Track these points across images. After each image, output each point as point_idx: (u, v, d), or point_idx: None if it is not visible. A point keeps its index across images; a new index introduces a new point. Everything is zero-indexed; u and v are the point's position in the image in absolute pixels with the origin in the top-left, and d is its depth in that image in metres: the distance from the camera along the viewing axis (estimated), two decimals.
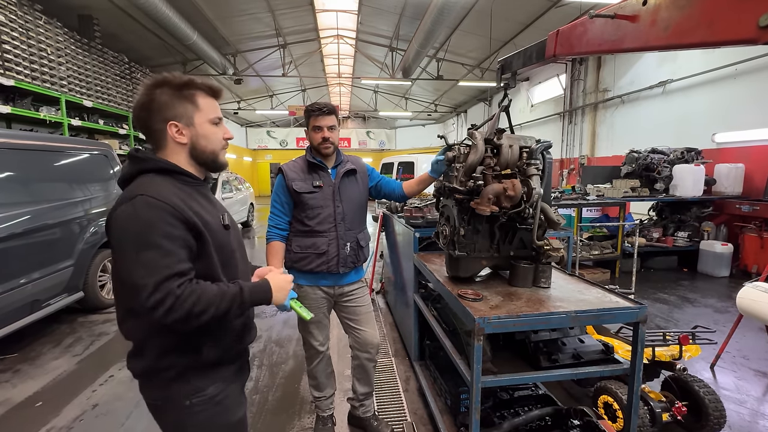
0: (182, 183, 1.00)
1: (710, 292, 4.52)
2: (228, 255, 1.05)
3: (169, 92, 0.97)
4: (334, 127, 1.81)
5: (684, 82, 6.45)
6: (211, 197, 1.10)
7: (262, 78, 12.37)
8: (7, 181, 2.96)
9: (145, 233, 0.87)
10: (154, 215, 0.88)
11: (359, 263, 1.94)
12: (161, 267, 0.86)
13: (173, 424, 1.03)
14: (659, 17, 1.02)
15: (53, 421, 2.24)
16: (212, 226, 1.00)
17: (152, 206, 0.89)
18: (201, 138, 1.01)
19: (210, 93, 1.03)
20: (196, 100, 1.00)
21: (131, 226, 0.88)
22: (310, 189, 1.80)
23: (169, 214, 0.90)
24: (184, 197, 0.96)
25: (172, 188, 0.96)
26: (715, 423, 1.95)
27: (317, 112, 1.77)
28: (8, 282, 2.79)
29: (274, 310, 3.94)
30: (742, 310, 2.48)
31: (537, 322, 1.37)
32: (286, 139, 20.40)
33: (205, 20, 8.09)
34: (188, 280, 0.90)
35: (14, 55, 4.75)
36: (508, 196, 1.52)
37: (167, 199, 0.91)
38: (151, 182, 0.95)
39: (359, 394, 2.09)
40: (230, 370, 1.08)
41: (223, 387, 1.05)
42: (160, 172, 0.98)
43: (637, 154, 5.70)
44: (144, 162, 0.98)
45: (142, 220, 0.88)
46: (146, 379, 1.02)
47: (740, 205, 5.14)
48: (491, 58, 9.86)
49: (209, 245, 0.98)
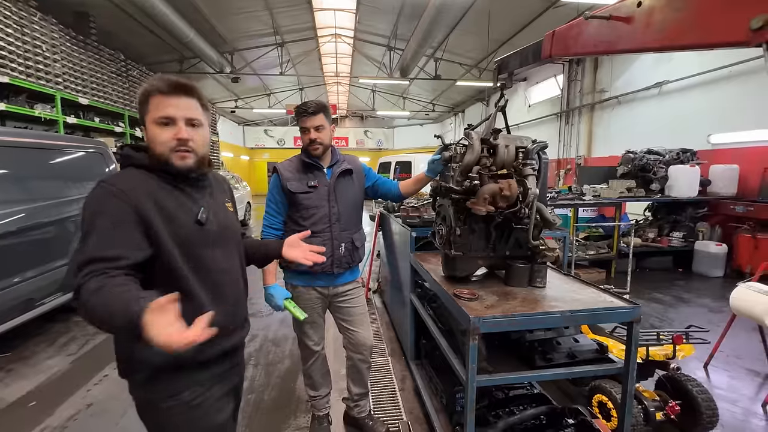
0: (161, 178, 1.00)
1: (704, 292, 4.56)
2: (198, 252, 1.02)
3: (139, 98, 0.99)
4: (322, 126, 1.76)
5: (680, 84, 6.49)
6: (198, 194, 1.07)
7: (259, 76, 12.33)
8: (1, 179, 2.93)
9: (91, 214, 0.90)
10: (102, 199, 0.91)
11: (354, 264, 1.93)
12: (89, 249, 0.86)
13: (153, 424, 1.04)
14: (654, 19, 1.03)
15: (47, 421, 2.23)
16: (178, 220, 0.98)
17: (103, 191, 0.92)
18: (151, 141, 0.99)
19: (159, 92, 0.96)
20: (148, 102, 0.97)
21: (84, 210, 0.93)
22: (305, 189, 1.79)
23: (116, 198, 0.91)
24: (153, 189, 0.96)
25: (139, 180, 0.96)
26: (707, 422, 1.97)
27: (302, 113, 1.75)
28: (2, 280, 2.77)
29: (270, 310, 3.93)
30: (735, 310, 2.50)
31: (532, 322, 1.37)
32: (284, 137, 20.34)
33: (202, 18, 8.05)
34: (108, 268, 0.84)
35: (9, 51, 4.70)
36: (504, 196, 1.52)
37: (119, 185, 0.93)
38: (122, 173, 0.99)
39: (354, 394, 2.09)
40: (208, 373, 1.05)
41: (201, 391, 1.03)
42: (139, 167, 1.00)
43: (633, 154, 5.74)
44: (124, 158, 1.03)
45: (92, 203, 0.92)
46: (125, 378, 1.03)
47: (735, 206, 5.18)
48: (489, 58, 9.89)
49: (163, 238, 0.94)
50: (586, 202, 5.12)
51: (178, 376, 0.99)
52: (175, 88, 0.97)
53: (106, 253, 0.86)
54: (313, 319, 1.91)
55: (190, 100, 1.00)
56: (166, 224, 0.96)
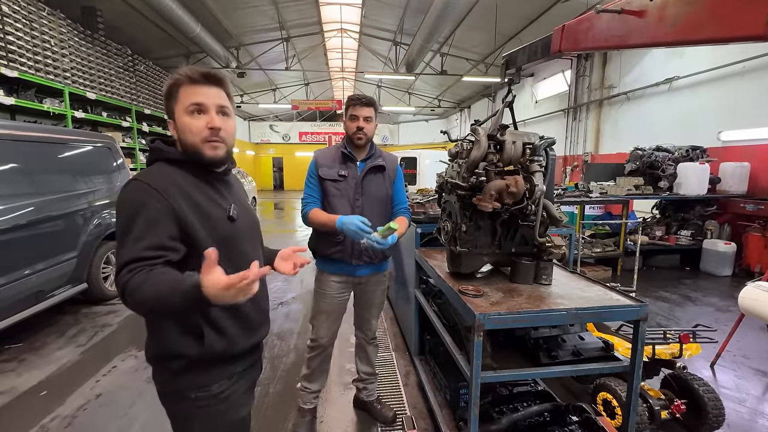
0: (193, 174, 0.99)
1: (712, 291, 4.50)
2: (232, 247, 1.02)
3: (167, 90, 0.97)
4: (371, 118, 1.82)
5: (691, 79, 6.37)
6: (225, 189, 1.07)
7: (265, 71, 12.34)
8: (11, 173, 2.97)
9: (128, 215, 0.89)
10: (137, 198, 0.90)
11: (377, 259, 1.92)
12: (128, 251, 0.86)
13: (179, 414, 1.04)
14: (667, 13, 1.01)
15: (57, 410, 2.27)
16: (213, 217, 0.98)
17: (138, 190, 0.91)
18: (181, 132, 0.97)
19: (190, 81, 0.96)
20: (178, 92, 0.96)
21: (119, 209, 0.92)
22: (335, 177, 1.83)
23: (151, 197, 0.89)
24: (186, 186, 0.95)
25: (173, 176, 0.95)
26: (714, 421, 1.95)
27: (356, 102, 1.81)
28: (13, 273, 2.82)
29: (276, 304, 3.97)
30: (743, 309, 2.47)
31: (537, 319, 1.37)
32: (289, 133, 20.36)
33: (209, 12, 8.05)
34: (148, 266, 0.85)
35: (18, 46, 4.75)
36: (510, 193, 1.51)
37: (154, 183, 0.91)
38: (154, 169, 0.97)
39: (362, 372, 2.17)
40: (238, 366, 1.06)
41: (229, 384, 1.03)
42: (169, 162, 0.99)
43: (641, 151, 5.66)
44: (154, 152, 1.01)
45: (127, 202, 0.91)
46: (156, 366, 1.03)
47: (745, 204, 5.11)
48: (496, 53, 9.78)
49: (200, 236, 0.94)
50: (593, 199, 5.08)
51: (210, 368, 1.00)
52: (205, 77, 0.97)
53: (144, 254, 0.86)
54: (331, 309, 1.94)
55: (219, 90, 0.99)
56: (202, 222, 0.95)
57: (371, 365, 2.17)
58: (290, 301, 4.05)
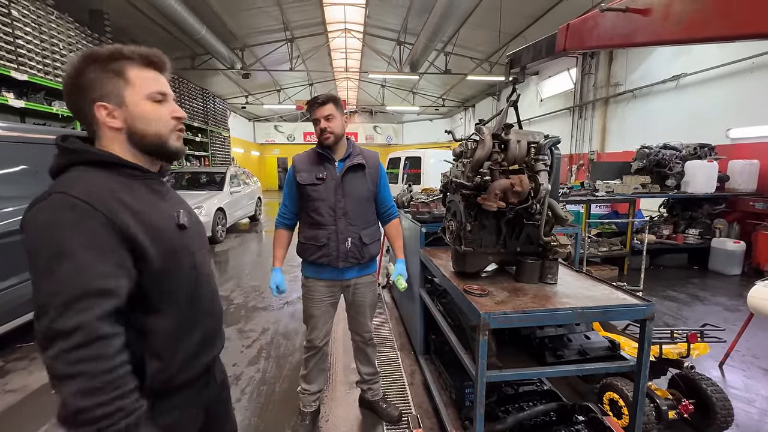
0: (125, 177, 0.82)
1: (721, 290, 4.45)
2: (182, 260, 0.86)
3: (96, 68, 0.79)
4: (332, 116, 1.77)
5: (698, 76, 6.30)
6: (164, 192, 0.91)
7: (269, 72, 12.39)
8: (21, 175, 3.02)
9: (60, 241, 0.68)
10: (73, 219, 0.69)
11: (364, 260, 1.91)
12: (63, 284, 0.66)
13: None
14: (672, 11, 1.00)
15: None
16: (161, 228, 0.82)
17: (73, 207, 0.70)
18: (137, 120, 0.82)
19: (145, 63, 0.83)
20: (126, 74, 0.80)
21: (43, 232, 0.69)
22: (313, 181, 1.82)
23: (93, 218, 0.70)
24: (122, 195, 0.77)
25: (106, 184, 0.77)
26: (722, 421, 1.94)
27: (312, 104, 1.80)
28: (25, 273, 2.86)
29: (280, 303, 3.99)
30: (753, 308, 2.44)
31: (543, 318, 1.37)
32: (294, 133, 20.43)
33: (214, 14, 8.11)
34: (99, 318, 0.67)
35: (27, 50, 4.82)
36: (515, 192, 1.51)
37: (94, 199, 0.72)
38: (80, 177, 0.76)
39: (363, 374, 2.17)
40: (185, 396, 0.89)
41: (178, 415, 0.89)
42: (94, 165, 0.79)
43: (648, 149, 5.61)
44: (74, 153, 0.79)
45: (56, 224, 0.69)
46: None
47: (754, 203, 5.04)
48: (500, 52, 9.72)
49: (149, 252, 0.78)
50: (599, 198, 5.04)
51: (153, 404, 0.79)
52: (163, 63, 0.87)
53: (102, 284, 0.68)
54: (321, 312, 1.94)
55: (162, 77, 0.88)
56: (148, 235, 0.78)
57: (372, 365, 2.17)
58: (295, 301, 4.07)
